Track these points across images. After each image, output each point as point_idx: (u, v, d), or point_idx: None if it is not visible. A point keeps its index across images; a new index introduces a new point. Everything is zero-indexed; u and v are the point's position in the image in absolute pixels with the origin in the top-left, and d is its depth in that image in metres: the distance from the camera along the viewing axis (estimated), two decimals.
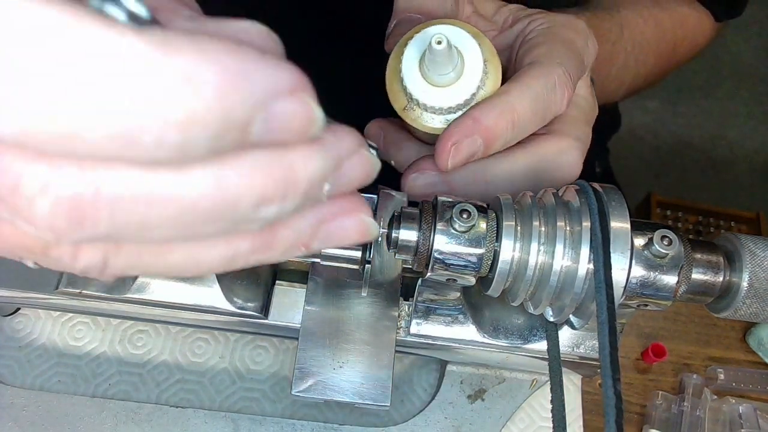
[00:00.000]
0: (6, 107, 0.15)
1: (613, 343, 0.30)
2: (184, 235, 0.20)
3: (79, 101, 0.16)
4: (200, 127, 0.17)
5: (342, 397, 0.42)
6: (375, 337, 0.44)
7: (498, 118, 0.36)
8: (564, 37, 0.41)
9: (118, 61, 0.15)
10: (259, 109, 0.18)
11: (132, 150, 0.17)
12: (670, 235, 0.35)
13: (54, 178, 0.17)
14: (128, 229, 0.19)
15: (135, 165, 0.18)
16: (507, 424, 0.49)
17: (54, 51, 0.15)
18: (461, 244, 0.35)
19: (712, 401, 0.53)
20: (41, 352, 0.50)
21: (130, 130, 0.16)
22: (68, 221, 0.18)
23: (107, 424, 0.47)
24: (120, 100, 0.16)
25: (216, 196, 0.19)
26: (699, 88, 2.00)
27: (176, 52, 0.16)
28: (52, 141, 0.16)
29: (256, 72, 0.17)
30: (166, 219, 0.19)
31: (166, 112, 0.16)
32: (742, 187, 1.87)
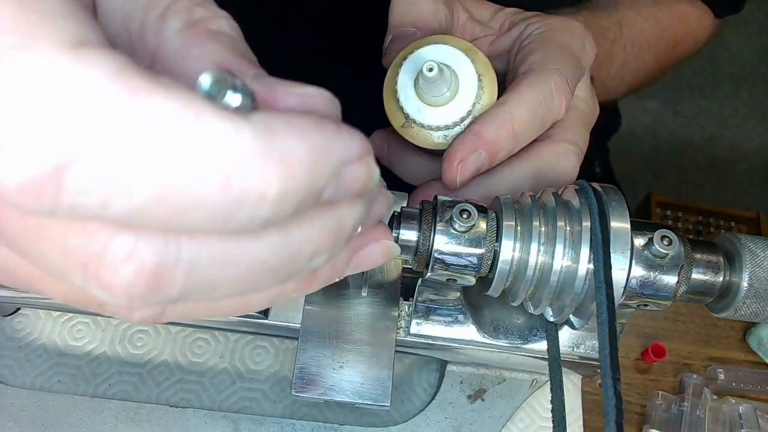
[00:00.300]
0: (125, 190, 0.16)
1: (613, 343, 0.30)
2: (245, 289, 0.20)
3: (192, 186, 0.16)
4: (290, 200, 0.18)
5: (342, 397, 0.42)
6: (375, 337, 0.44)
7: (499, 130, 0.36)
8: (561, 41, 0.41)
9: (231, 150, 0.16)
10: (336, 177, 0.19)
11: (225, 224, 0.17)
12: (670, 235, 0.35)
13: (140, 247, 0.17)
14: (198, 290, 0.19)
15: (218, 233, 0.18)
16: (507, 424, 0.49)
17: (174, 141, 0.16)
18: (461, 244, 0.35)
19: (712, 401, 0.53)
20: (41, 352, 0.50)
21: (231, 209, 0.17)
22: (147, 288, 0.18)
23: (107, 424, 0.47)
24: (227, 184, 0.16)
25: (283, 253, 0.20)
26: (699, 88, 2.00)
27: (276, 137, 0.17)
28: (158, 220, 0.17)
29: (336, 144, 0.19)
30: (235, 278, 0.19)
31: (264, 191, 0.17)
32: (742, 187, 1.87)
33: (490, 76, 0.39)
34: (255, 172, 0.16)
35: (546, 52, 0.40)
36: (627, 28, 0.61)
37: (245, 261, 0.19)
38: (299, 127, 0.18)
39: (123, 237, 0.17)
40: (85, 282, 0.18)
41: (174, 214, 0.17)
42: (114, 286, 0.18)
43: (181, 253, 0.18)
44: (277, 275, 0.20)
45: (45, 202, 0.15)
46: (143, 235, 0.17)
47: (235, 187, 0.16)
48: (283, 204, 0.17)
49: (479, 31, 0.45)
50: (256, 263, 0.19)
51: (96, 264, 0.18)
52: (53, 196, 0.15)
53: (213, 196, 0.16)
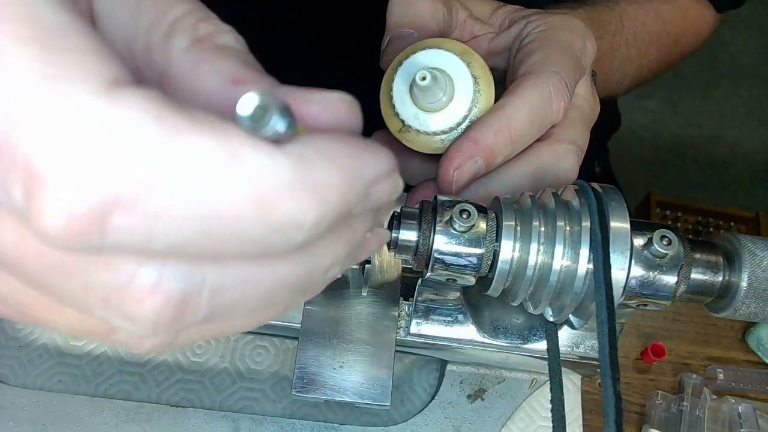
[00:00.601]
0: (167, 226, 0.16)
1: (613, 343, 0.30)
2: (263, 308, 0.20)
3: (232, 219, 0.16)
4: (324, 225, 0.18)
5: (342, 397, 0.42)
6: (375, 337, 0.44)
7: (496, 136, 0.36)
8: (560, 40, 0.41)
9: (269, 183, 0.16)
10: (366, 197, 0.19)
11: (259, 251, 0.18)
12: (670, 235, 0.35)
13: (166, 277, 0.17)
14: (219, 313, 0.19)
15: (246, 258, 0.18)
16: (507, 424, 0.49)
17: (214, 177, 0.16)
18: (461, 244, 0.35)
19: (712, 401, 0.53)
20: (42, 351, 0.50)
21: (268, 238, 0.17)
22: (172, 317, 0.18)
23: (108, 424, 0.47)
24: (266, 215, 0.16)
25: (305, 271, 0.20)
26: (699, 88, 2.00)
27: (311, 167, 0.17)
28: (196, 251, 0.17)
29: (367, 164, 0.19)
30: (256, 298, 0.19)
31: (301, 220, 0.17)
32: (741, 187, 1.87)
33: (487, 78, 0.39)
34: (292, 203, 0.17)
35: (545, 52, 0.40)
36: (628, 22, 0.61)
37: (268, 281, 0.19)
38: (332, 154, 0.18)
39: (148, 268, 0.17)
40: (107, 313, 0.18)
41: (212, 246, 0.17)
42: (140, 318, 0.18)
43: (206, 280, 0.18)
44: (296, 291, 0.20)
45: (91, 240, 0.16)
46: (168, 265, 0.17)
47: (273, 217, 0.17)
48: (318, 229, 0.18)
49: (479, 29, 0.45)
50: (279, 282, 0.19)
51: (120, 296, 0.17)
52: (99, 234, 0.15)
53: (251, 227, 0.17)
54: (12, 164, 0.15)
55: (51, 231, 0.15)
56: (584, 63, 0.42)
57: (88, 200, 0.15)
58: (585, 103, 0.43)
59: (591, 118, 0.44)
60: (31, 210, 0.15)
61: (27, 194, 0.15)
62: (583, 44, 0.42)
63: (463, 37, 0.45)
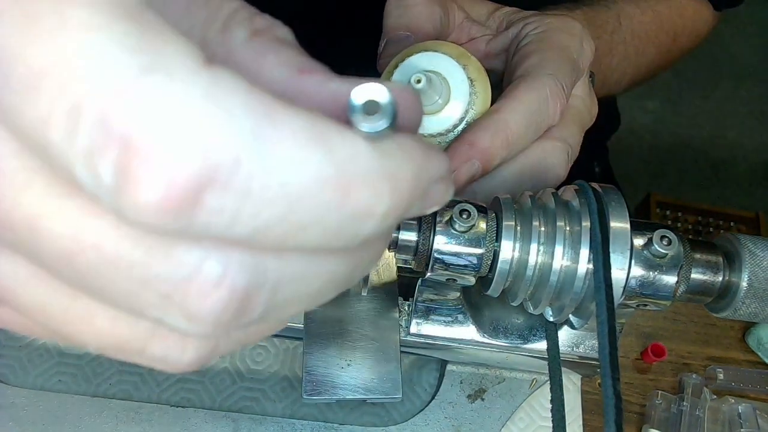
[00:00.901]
0: (254, 209, 0.15)
1: (613, 343, 0.30)
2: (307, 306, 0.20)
3: (315, 203, 0.16)
4: (391, 217, 0.18)
5: (353, 395, 0.42)
6: (379, 333, 0.45)
7: (493, 139, 0.36)
8: (558, 42, 0.41)
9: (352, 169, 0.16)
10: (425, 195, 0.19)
11: (330, 241, 0.17)
12: (670, 235, 0.35)
13: (232, 270, 0.16)
14: (272, 311, 0.18)
15: (300, 251, 0.18)
16: (507, 424, 0.49)
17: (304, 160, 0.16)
18: (461, 244, 0.35)
19: (712, 401, 0.53)
20: (42, 351, 0.50)
21: (341, 226, 0.17)
22: (234, 314, 0.17)
23: (108, 424, 0.47)
24: (345, 201, 0.16)
25: (353, 268, 0.20)
26: (699, 88, 2.00)
27: (387, 155, 0.17)
28: (276, 238, 0.16)
29: (432, 163, 0.19)
30: (307, 295, 0.19)
31: (374, 208, 0.17)
32: (741, 187, 1.87)
33: (483, 80, 0.39)
34: (369, 190, 0.17)
35: (542, 55, 0.40)
36: (626, 21, 0.61)
37: (322, 277, 0.19)
38: (406, 147, 0.18)
39: (213, 260, 0.16)
40: (163, 312, 0.17)
41: (292, 232, 0.16)
42: (202, 315, 0.17)
43: (268, 274, 0.17)
44: (339, 288, 0.20)
45: (182, 220, 0.15)
46: (233, 257, 0.17)
47: (350, 203, 0.16)
48: (385, 221, 0.18)
49: (476, 31, 0.45)
50: (330, 278, 0.19)
51: (183, 291, 0.16)
52: (191, 212, 0.15)
53: (330, 213, 0.16)
54: (106, 139, 0.14)
55: (146, 204, 0.15)
56: (581, 65, 0.42)
57: (187, 172, 0.14)
58: (581, 104, 0.43)
59: (586, 119, 0.44)
60: (124, 185, 0.14)
61: (121, 169, 0.14)
62: (580, 46, 0.42)
63: (460, 39, 0.45)
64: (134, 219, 0.15)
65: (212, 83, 0.15)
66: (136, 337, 0.19)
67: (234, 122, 0.15)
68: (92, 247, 0.16)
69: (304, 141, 0.16)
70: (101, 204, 0.15)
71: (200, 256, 0.16)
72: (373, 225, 0.17)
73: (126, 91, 0.14)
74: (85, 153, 0.14)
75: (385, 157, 0.17)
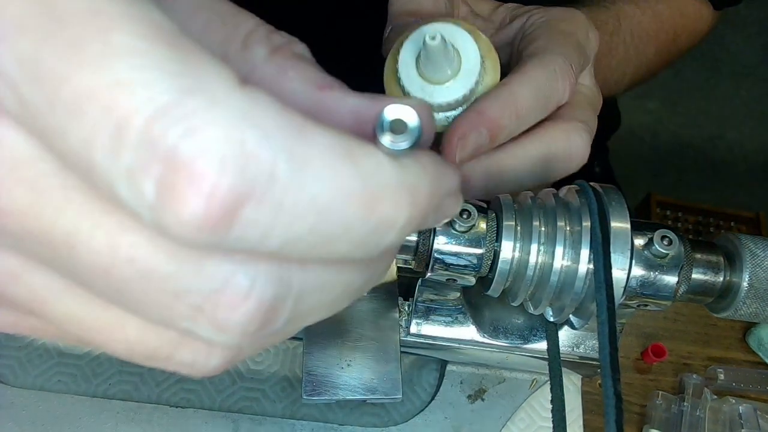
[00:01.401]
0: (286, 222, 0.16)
1: (613, 343, 0.30)
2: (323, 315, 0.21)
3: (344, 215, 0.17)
4: (410, 228, 0.19)
5: (354, 395, 0.42)
6: (379, 333, 0.44)
7: (502, 109, 0.36)
8: (563, 29, 0.41)
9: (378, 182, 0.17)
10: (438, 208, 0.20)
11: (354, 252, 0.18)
12: (670, 235, 0.35)
13: (260, 281, 0.17)
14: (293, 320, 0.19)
15: (322, 262, 0.19)
16: (507, 424, 0.49)
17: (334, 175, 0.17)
18: (461, 244, 0.35)
19: (712, 401, 0.53)
20: (41, 351, 0.50)
21: (366, 236, 0.18)
22: (261, 323, 0.18)
23: (107, 424, 0.47)
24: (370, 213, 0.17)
25: (368, 278, 0.21)
26: (699, 88, 2.00)
27: (406, 170, 0.18)
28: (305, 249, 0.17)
29: (445, 178, 0.20)
30: (324, 305, 0.20)
31: (395, 219, 0.18)
32: (742, 187, 1.87)
33: (493, 58, 0.39)
34: (391, 203, 0.18)
35: (549, 38, 0.40)
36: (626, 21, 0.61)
37: (338, 287, 0.20)
38: (422, 161, 0.19)
39: (242, 273, 0.17)
40: (194, 323, 0.18)
41: (319, 243, 0.17)
42: (231, 325, 0.17)
43: (293, 285, 0.18)
44: (354, 297, 0.21)
45: (220, 233, 0.16)
46: (261, 269, 0.17)
47: (374, 215, 0.17)
48: (404, 231, 0.18)
49: (480, 25, 0.45)
50: (346, 288, 0.20)
51: (213, 303, 0.17)
52: (227, 227, 0.16)
53: (355, 224, 0.17)
54: (150, 157, 0.15)
55: (188, 218, 0.15)
56: (588, 52, 0.42)
57: (227, 187, 0.15)
58: (589, 92, 0.43)
59: (596, 105, 0.44)
60: (167, 200, 0.15)
61: (164, 185, 0.15)
62: (585, 34, 0.42)
63: None
64: (174, 233, 0.16)
65: (249, 103, 0.16)
66: (164, 344, 0.20)
67: (270, 140, 0.16)
68: (127, 261, 0.17)
69: (334, 157, 0.17)
70: (140, 219, 0.16)
71: (230, 269, 0.17)
72: (394, 236, 0.18)
73: (170, 112, 0.15)
74: (128, 171, 0.15)
75: (405, 172, 0.18)
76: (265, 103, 0.16)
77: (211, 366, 0.20)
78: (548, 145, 0.39)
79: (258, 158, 0.15)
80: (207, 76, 0.16)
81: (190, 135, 0.15)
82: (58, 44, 0.15)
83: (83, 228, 0.17)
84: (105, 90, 0.15)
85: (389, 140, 0.18)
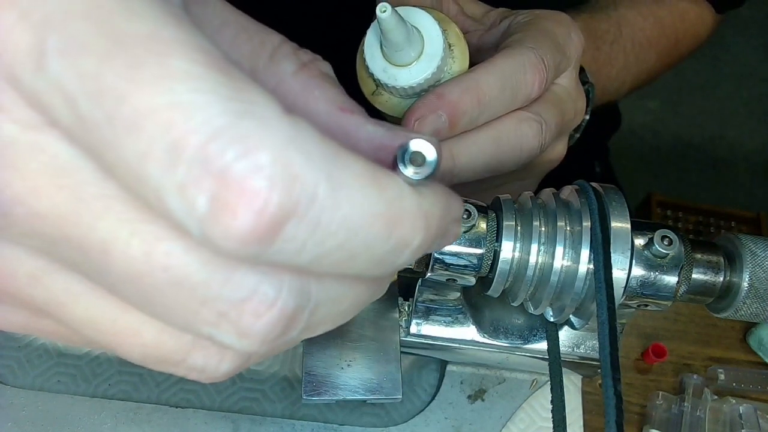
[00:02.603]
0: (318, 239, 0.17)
1: (614, 343, 0.30)
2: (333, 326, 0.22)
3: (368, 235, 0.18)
4: (422, 250, 0.20)
5: (354, 396, 0.42)
6: (379, 333, 0.44)
7: (463, 94, 0.36)
8: (542, 26, 0.41)
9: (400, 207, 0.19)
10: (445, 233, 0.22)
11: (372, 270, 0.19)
12: (671, 235, 0.35)
13: (284, 292, 0.18)
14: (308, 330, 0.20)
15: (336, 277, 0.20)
16: (507, 425, 0.49)
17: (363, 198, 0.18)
18: (461, 244, 0.35)
19: (713, 401, 0.53)
20: (41, 352, 0.50)
21: (385, 256, 0.19)
22: (281, 332, 0.19)
23: (107, 424, 0.47)
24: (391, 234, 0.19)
25: (375, 293, 0.22)
26: (699, 88, 2.00)
27: (422, 195, 0.20)
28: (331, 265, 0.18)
29: (453, 206, 0.21)
30: (335, 317, 0.21)
31: (411, 241, 0.19)
32: (742, 187, 1.87)
33: (462, 48, 0.39)
34: (409, 225, 0.19)
35: (525, 34, 0.40)
36: (627, 28, 0.61)
37: (348, 300, 0.21)
38: (434, 187, 0.21)
39: (268, 283, 0.18)
40: (217, 330, 0.19)
41: (343, 260, 0.18)
42: (254, 332, 0.18)
43: (311, 296, 0.19)
44: (359, 310, 0.22)
45: (264, 246, 0.17)
46: (285, 280, 0.18)
47: (394, 236, 0.19)
48: (417, 253, 0.20)
49: (469, 25, 0.45)
50: (355, 302, 0.21)
51: (238, 311, 0.18)
52: (271, 242, 0.17)
53: (377, 243, 0.19)
54: (203, 173, 0.16)
55: (237, 231, 0.16)
56: (568, 52, 0.42)
57: (276, 204, 0.16)
58: (563, 92, 0.43)
59: (568, 108, 0.43)
60: (218, 214, 0.16)
61: (217, 199, 0.16)
62: (567, 34, 0.42)
63: None
64: (220, 244, 0.17)
65: (295, 129, 0.17)
66: (179, 348, 0.21)
67: (313, 163, 0.17)
68: (161, 269, 0.18)
69: (364, 181, 0.18)
70: (180, 230, 0.17)
71: (257, 279, 0.18)
72: (407, 256, 0.20)
73: (225, 133, 0.16)
74: (180, 185, 0.16)
75: (422, 199, 0.20)
76: (308, 129, 0.17)
77: (221, 371, 0.21)
78: (498, 132, 0.39)
79: (303, 179, 0.17)
80: (257, 102, 0.17)
81: (244, 155, 0.16)
82: (119, 64, 0.16)
83: (120, 235, 0.18)
84: (164, 109, 0.16)
85: (412, 172, 0.19)
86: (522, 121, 0.39)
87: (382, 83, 0.38)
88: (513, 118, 0.39)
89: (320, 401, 0.42)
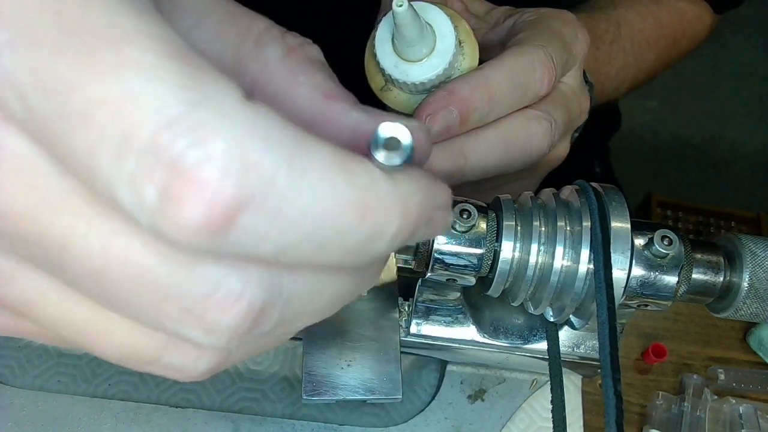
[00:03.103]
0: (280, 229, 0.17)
1: (614, 343, 0.30)
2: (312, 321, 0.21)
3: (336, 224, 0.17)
4: (400, 239, 0.19)
5: (354, 396, 0.42)
6: (379, 333, 0.44)
7: (473, 91, 0.36)
8: (550, 25, 0.41)
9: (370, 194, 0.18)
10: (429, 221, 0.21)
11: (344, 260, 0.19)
12: (671, 235, 0.35)
13: (251, 285, 0.18)
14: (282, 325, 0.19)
15: (311, 268, 0.19)
16: (507, 425, 0.49)
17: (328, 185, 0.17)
18: (461, 244, 0.35)
19: (713, 401, 0.53)
20: (41, 352, 0.50)
21: (356, 245, 0.18)
22: (250, 326, 0.18)
23: (107, 425, 0.47)
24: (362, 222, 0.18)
25: (357, 286, 0.22)
26: (699, 88, 2.00)
27: (398, 182, 0.19)
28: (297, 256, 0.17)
29: (436, 192, 0.20)
30: (313, 310, 0.20)
31: (385, 229, 0.18)
32: (742, 187, 1.87)
33: (472, 45, 0.39)
34: (383, 213, 0.18)
35: (533, 32, 0.40)
36: (626, 29, 0.61)
37: (327, 294, 0.20)
38: (414, 175, 0.20)
39: (234, 277, 0.18)
40: (182, 326, 0.18)
41: (312, 250, 0.18)
42: (220, 327, 0.18)
43: (282, 290, 0.18)
44: (342, 304, 0.22)
45: (218, 238, 0.16)
46: (252, 273, 0.18)
47: (365, 225, 0.18)
48: (395, 242, 0.19)
49: (473, 23, 0.45)
50: (334, 295, 0.21)
51: (202, 306, 0.18)
52: (226, 232, 0.16)
53: (348, 232, 0.18)
54: (154, 164, 0.15)
55: (187, 222, 0.16)
56: (574, 51, 0.42)
57: (227, 192, 0.16)
58: (569, 90, 0.43)
59: (574, 107, 0.43)
60: (167, 206, 0.16)
61: (166, 191, 0.15)
62: (573, 33, 0.42)
63: None
64: (172, 237, 0.16)
65: (253, 116, 0.16)
66: (152, 347, 0.20)
67: (271, 150, 0.16)
68: (120, 264, 0.17)
69: (330, 168, 0.17)
70: (137, 224, 0.16)
71: (221, 273, 0.17)
72: (383, 245, 0.19)
73: (177, 123, 0.15)
74: (130, 176, 0.15)
75: (396, 185, 0.19)
76: (268, 115, 0.17)
77: (199, 370, 0.21)
78: (507, 130, 0.39)
79: (259, 167, 0.16)
80: (214, 90, 0.16)
81: (196, 145, 0.15)
82: (70, 54, 0.15)
83: (77, 230, 0.17)
84: (115, 99, 0.15)
85: (383, 157, 0.19)
86: (531, 119, 0.39)
87: (392, 79, 0.38)
88: (522, 116, 0.39)
89: (320, 401, 0.42)
